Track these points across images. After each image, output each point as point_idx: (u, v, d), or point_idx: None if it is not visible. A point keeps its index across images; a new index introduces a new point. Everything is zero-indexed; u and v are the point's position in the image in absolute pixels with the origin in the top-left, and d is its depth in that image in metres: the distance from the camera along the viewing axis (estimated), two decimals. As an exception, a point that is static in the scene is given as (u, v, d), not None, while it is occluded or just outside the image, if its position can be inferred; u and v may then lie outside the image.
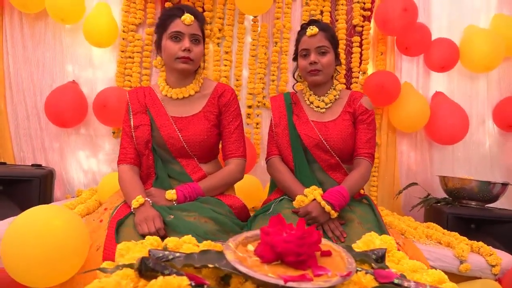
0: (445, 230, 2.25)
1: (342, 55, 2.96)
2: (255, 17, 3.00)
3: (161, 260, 0.79)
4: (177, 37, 1.67)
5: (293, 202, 1.68)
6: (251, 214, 1.79)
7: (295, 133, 1.84)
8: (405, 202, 3.04)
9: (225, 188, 1.77)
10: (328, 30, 1.82)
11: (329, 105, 1.86)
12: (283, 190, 1.83)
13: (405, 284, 0.78)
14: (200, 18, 1.73)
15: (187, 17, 1.66)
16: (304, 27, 1.84)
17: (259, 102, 3.00)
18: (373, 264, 0.90)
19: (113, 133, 2.94)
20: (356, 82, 3.03)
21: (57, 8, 2.72)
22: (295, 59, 1.92)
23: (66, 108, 2.75)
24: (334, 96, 1.87)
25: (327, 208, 1.57)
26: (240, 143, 1.81)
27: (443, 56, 2.92)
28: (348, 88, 3.00)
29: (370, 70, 3.08)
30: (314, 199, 1.61)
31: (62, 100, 2.75)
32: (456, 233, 2.18)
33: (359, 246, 1.06)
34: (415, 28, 2.87)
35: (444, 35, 2.98)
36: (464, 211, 2.47)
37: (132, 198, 1.52)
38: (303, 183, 1.76)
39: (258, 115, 3.01)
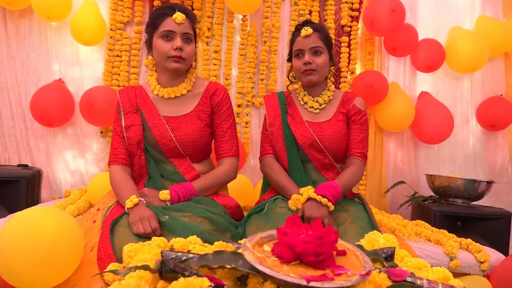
0: (434, 228, 2.29)
1: (332, 55, 2.99)
2: (244, 16, 3.00)
3: (175, 261, 0.79)
4: (168, 36, 1.65)
5: (288, 201, 1.67)
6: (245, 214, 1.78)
7: (289, 132, 1.84)
8: (392, 200, 3.08)
9: (218, 187, 1.76)
10: (322, 31, 1.83)
11: (323, 105, 1.87)
12: (277, 189, 1.83)
13: (418, 282, 0.79)
14: (191, 17, 1.71)
15: (179, 16, 1.64)
16: (298, 28, 1.84)
17: (248, 101, 3.00)
18: (384, 263, 0.91)
19: (101, 132, 2.90)
20: (345, 82, 3.06)
21: (43, 5, 2.67)
22: (289, 60, 1.92)
23: (52, 107, 2.69)
24: (328, 96, 1.87)
25: (324, 201, 1.56)
26: (233, 142, 1.80)
27: (429, 57, 2.98)
28: (337, 88, 3.02)
29: (358, 70, 3.11)
30: (309, 198, 1.61)
31: (48, 99, 2.69)
32: (445, 230, 2.22)
33: (363, 245, 1.07)
34: (403, 29, 2.91)
35: (430, 36, 3.04)
36: (451, 209, 2.52)
37: (126, 198, 1.50)
38: (297, 182, 1.76)
39: (247, 114, 3.01)
